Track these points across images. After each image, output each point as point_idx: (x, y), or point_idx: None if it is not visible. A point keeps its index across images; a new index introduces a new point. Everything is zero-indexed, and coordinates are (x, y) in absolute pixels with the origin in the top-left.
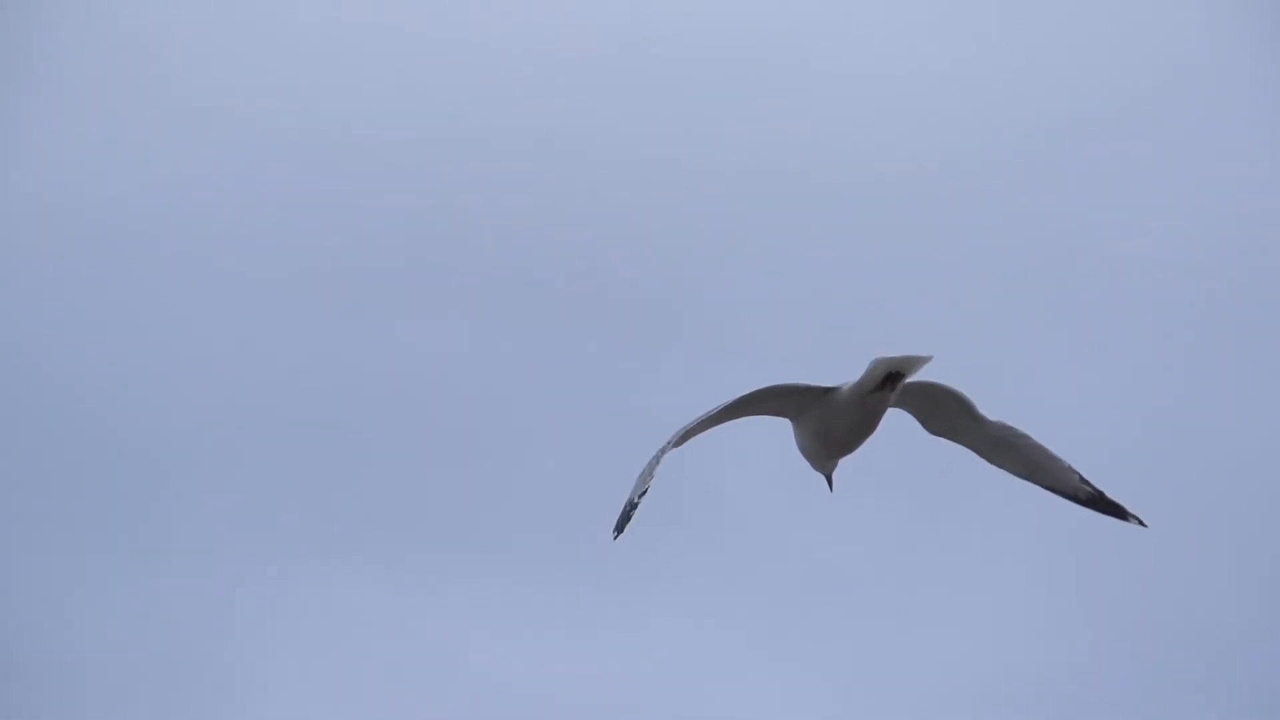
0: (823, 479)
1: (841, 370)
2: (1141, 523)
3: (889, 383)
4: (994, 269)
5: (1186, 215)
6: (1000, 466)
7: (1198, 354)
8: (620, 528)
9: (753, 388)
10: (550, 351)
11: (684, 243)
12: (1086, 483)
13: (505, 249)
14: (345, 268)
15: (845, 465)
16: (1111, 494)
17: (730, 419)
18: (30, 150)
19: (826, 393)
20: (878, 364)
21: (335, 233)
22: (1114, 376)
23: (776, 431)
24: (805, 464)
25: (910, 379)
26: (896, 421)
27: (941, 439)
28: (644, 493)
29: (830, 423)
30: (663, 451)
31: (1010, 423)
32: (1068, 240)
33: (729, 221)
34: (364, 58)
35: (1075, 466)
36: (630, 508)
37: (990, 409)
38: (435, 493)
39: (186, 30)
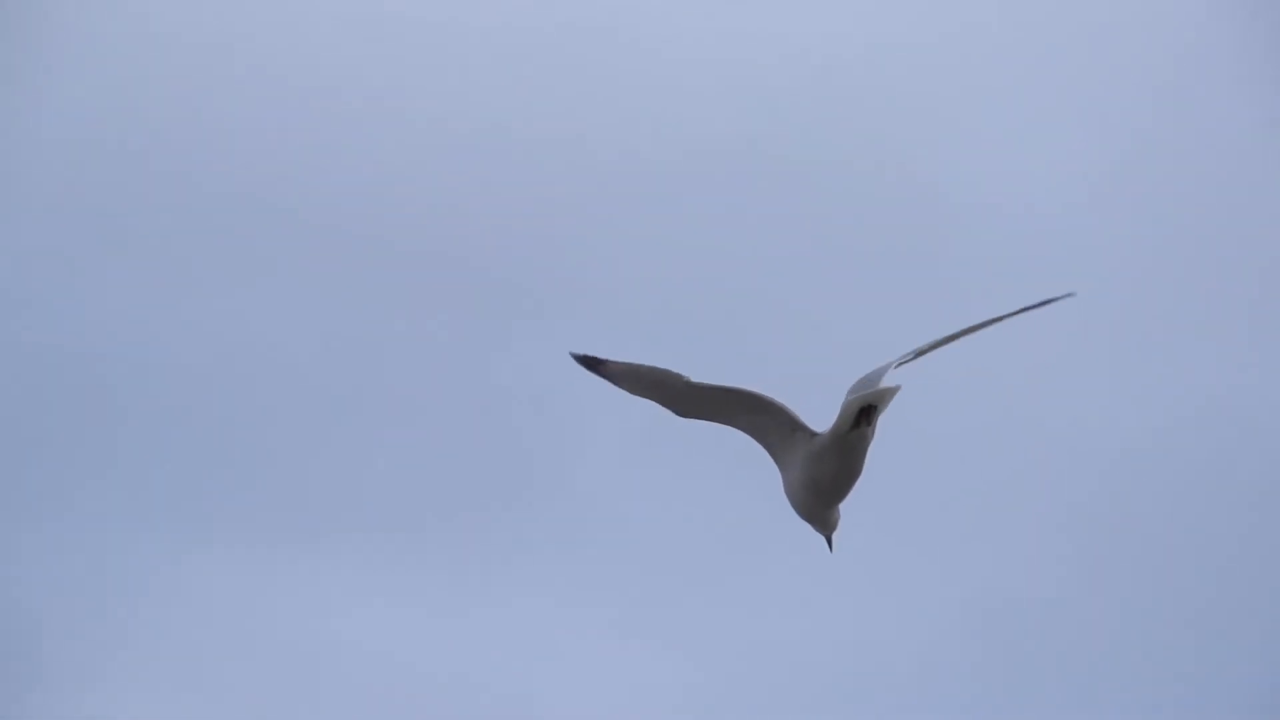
0: (819, 535)
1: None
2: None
3: (863, 418)
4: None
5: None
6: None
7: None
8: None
9: (751, 389)
10: (408, 326)
11: (536, 218)
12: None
13: (348, 219)
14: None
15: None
16: None
17: (726, 409)
18: None
19: (806, 433)
20: (848, 404)
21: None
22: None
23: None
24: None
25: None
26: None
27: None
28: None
29: (815, 473)
30: (666, 381)
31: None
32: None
33: (584, 197)
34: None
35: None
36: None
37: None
38: (291, 469)
39: None
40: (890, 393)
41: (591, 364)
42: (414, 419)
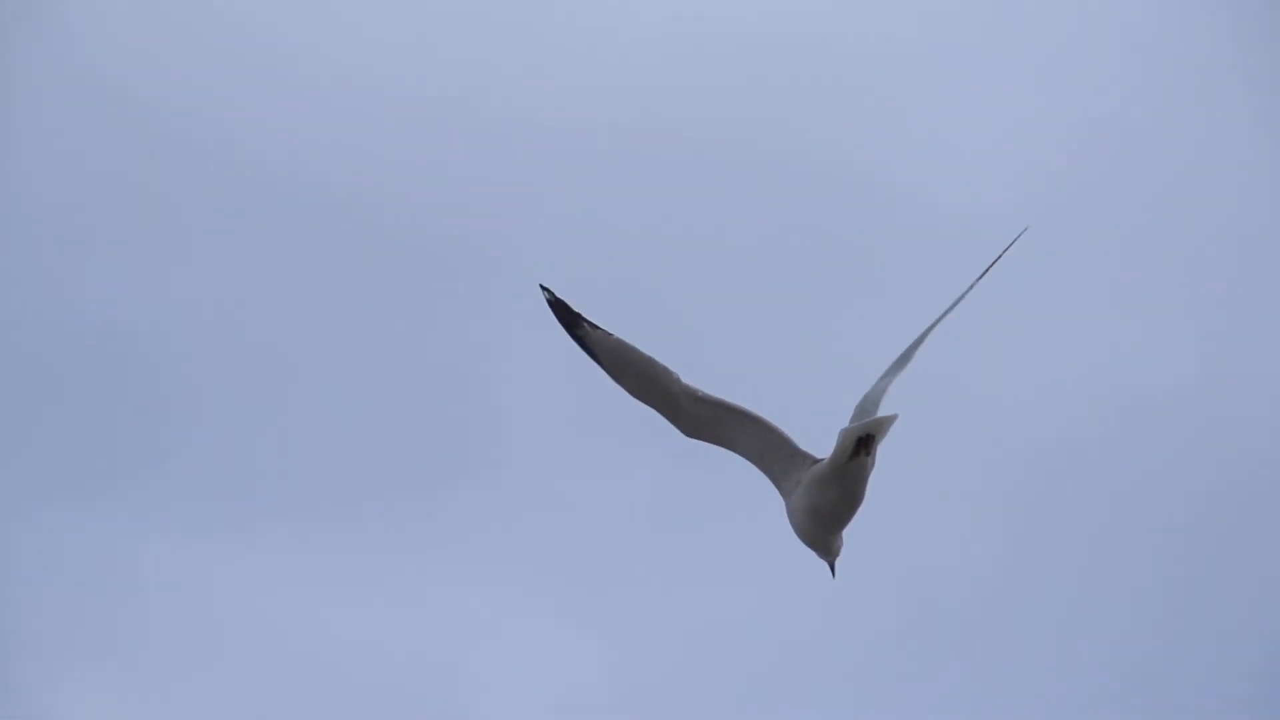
0: (822, 559)
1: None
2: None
3: (862, 448)
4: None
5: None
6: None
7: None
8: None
9: (764, 416)
10: (341, 305)
11: (468, 194)
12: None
13: (274, 195)
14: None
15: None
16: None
17: (724, 426)
18: None
19: (805, 459)
20: (846, 434)
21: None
22: None
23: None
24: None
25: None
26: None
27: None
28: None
29: (816, 500)
30: (666, 374)
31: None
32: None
33: (514, 174)
34: None
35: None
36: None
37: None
38: (222, 450)
39: None
40: (888, 421)
41: (568, 320)
42: (348, 399)
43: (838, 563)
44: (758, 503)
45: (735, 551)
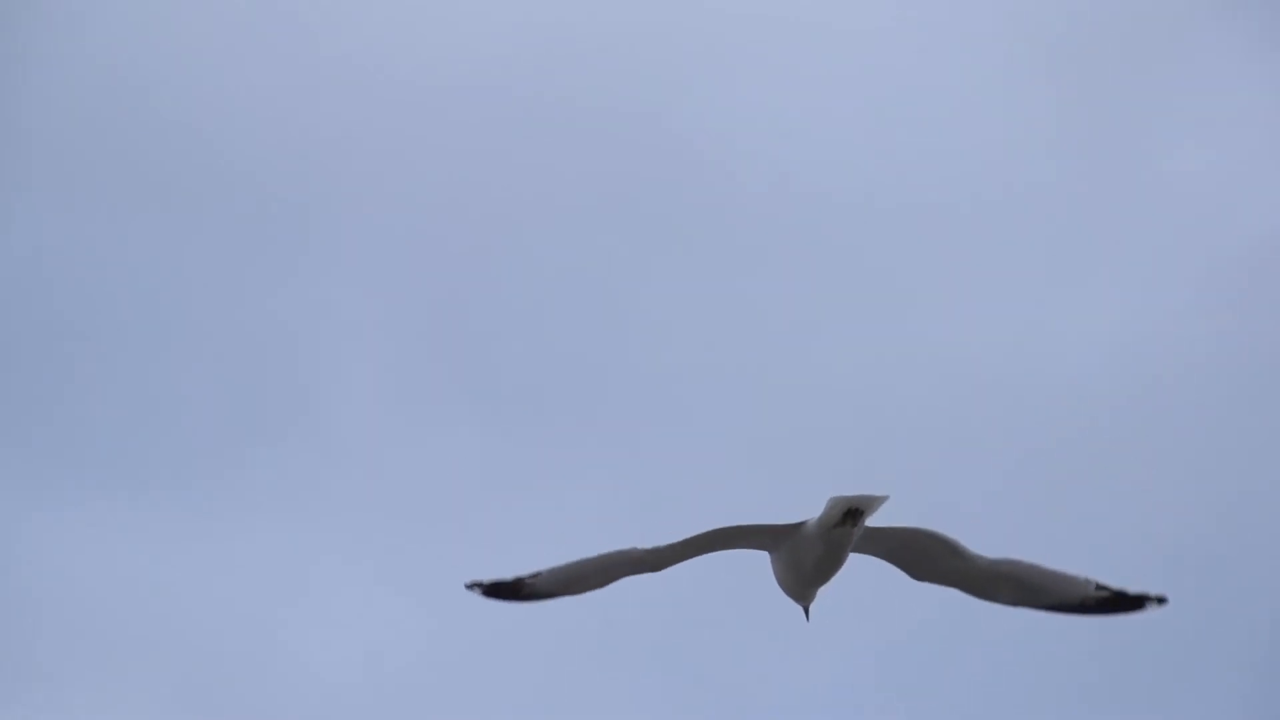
0: (800, 606)
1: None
2: (1162, 600)
3: (849, 519)
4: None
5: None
6: (995, 600)
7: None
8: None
9: (716, 527)
10: (155, 260)
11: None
12: (1104, 587)
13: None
14: None
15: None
16: (1131, 588)
17: (700, 553)
18: None
19: (793, 528)
20: (835, 502)
21: None
22: None
23: (383, 348)
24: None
25: (875, 521)
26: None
27: (929, 584)
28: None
29: (799, 557)
30: (624, 555)
31: (1009, 555)
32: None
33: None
34: None
35: (1089, 575)
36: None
37: (979, 541)
38: (31, 405)
39: None
40: (879, 500)
41: (510, 593)
42: (167, 358)
43: (811, 608)
44: (576, 466)
45: (553, 516)
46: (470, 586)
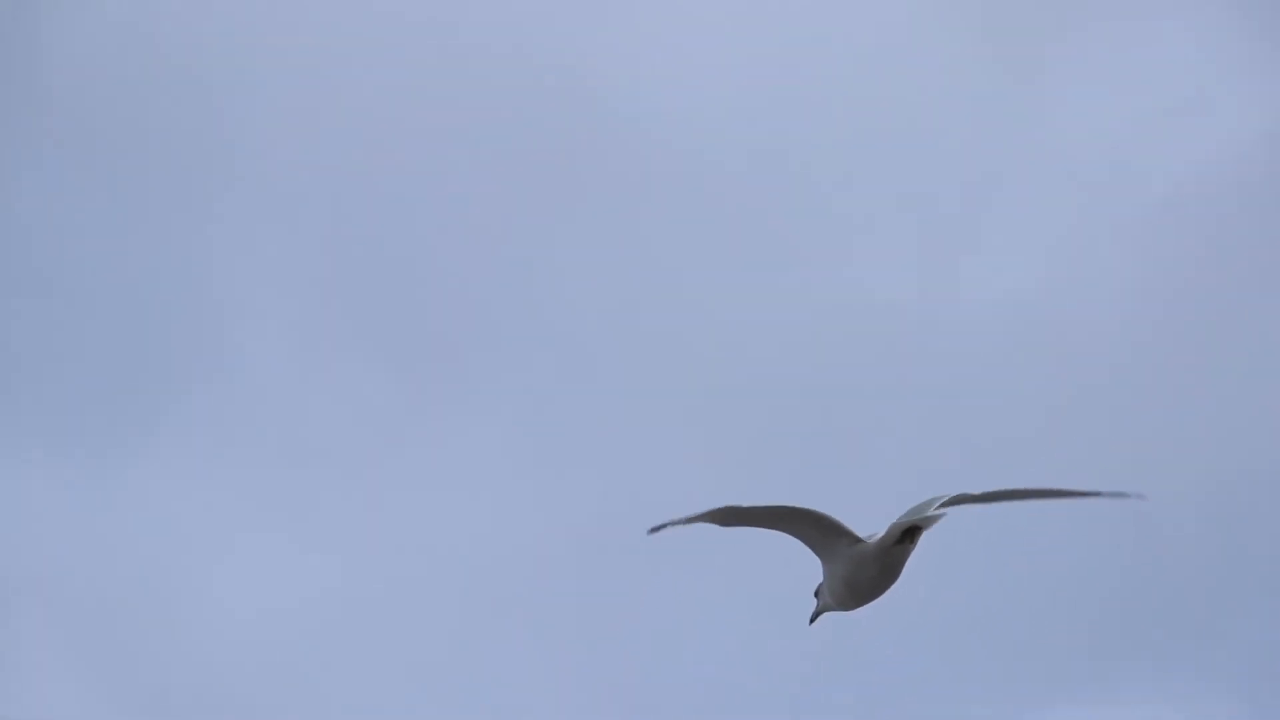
0: (816, 614)
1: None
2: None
3: (908, 537)
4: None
5: None
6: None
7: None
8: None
9: (792, 504)
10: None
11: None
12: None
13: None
14: None
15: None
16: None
17: (768, 523)
18: None
19: (854, 541)
20: (897, 524)
21: None
22: None
23: (291, 291)
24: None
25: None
26: None
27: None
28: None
29: (857, 575)
30: (701, 517)
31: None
32: None
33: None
34: None
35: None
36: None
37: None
38: None
39: None
40: (936, 518)
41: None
42: (70, 301)
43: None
44: (487, 414)
45: (466, 462)
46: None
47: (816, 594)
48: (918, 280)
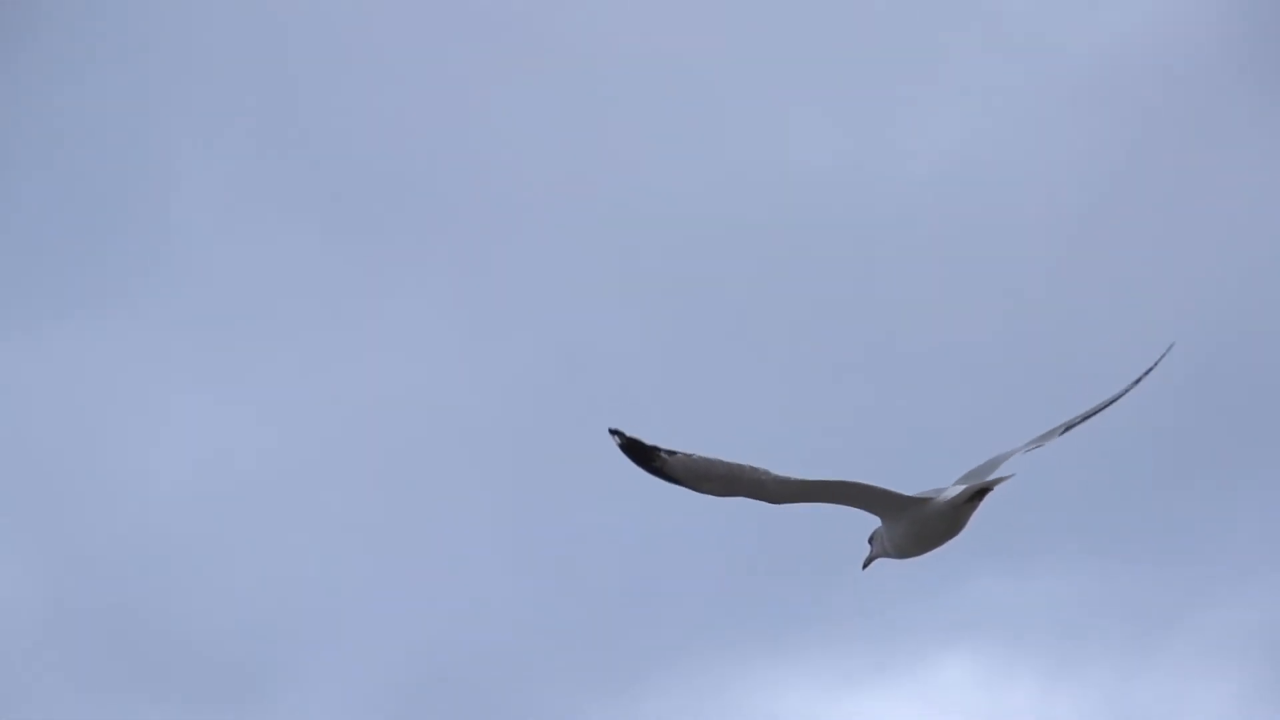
0: (868, 558)
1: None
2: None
3: (978, 496)
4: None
5: None
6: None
7: None
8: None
9: (848, 479)
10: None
11: None
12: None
13: None
14: None
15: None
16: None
17: (819, 499)
18: None
19: (919, 502)
20: (969, 488)
21: None
22: None
23: (228, 151)
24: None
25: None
26: None
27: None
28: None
29: (925, 530)
30: (753, 473)
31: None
32: None
33: None
34: None
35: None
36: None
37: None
38: None
39: None
40: (1003, 480)
41: (639, 453)
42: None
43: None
44: (419, 279)
45: (399, 323)
46: (612, 432)
47: (871, 540)
48: (855, 143)
